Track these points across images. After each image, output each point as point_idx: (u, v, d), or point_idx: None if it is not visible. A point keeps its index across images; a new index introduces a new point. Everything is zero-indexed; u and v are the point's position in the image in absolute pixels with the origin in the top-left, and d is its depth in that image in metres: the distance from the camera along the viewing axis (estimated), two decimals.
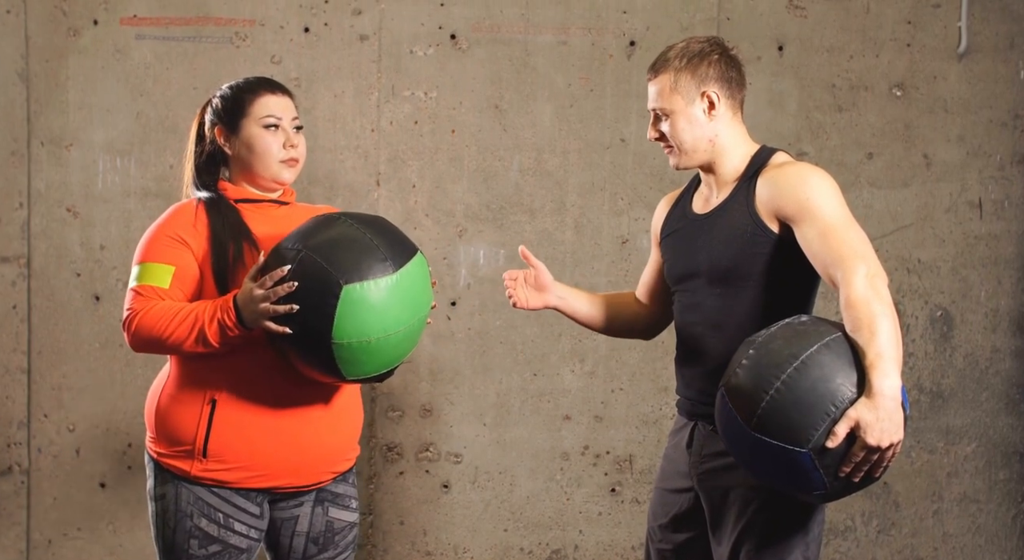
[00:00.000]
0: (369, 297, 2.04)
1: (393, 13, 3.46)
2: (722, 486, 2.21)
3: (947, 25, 3.59)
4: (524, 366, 3.56)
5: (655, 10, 3.52)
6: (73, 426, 3.46)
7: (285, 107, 2.33)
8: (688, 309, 2.30)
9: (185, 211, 2.28)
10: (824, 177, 2.11)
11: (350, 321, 2.03)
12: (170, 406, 2.26)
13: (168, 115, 3.42)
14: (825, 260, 2.02)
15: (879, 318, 1.90)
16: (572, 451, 3.59)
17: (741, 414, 1.93)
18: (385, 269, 2.07)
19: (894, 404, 1.86)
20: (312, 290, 2.04)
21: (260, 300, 2.06)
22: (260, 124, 2.30)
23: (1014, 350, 3.66)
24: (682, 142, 2.23)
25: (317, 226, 2.13)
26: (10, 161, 3.40)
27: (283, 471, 2.26)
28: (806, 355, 1.90)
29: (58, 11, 3.39)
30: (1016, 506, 3.70)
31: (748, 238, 2.15)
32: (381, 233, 2.14)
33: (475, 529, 3.59)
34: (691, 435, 2.30)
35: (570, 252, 3.54)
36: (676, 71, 2.21)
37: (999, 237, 3.63)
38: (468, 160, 3.51)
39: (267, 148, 2.29)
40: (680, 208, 2.38)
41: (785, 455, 1.88)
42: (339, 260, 2.05)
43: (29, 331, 3.44)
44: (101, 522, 3.48)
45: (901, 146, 3.59)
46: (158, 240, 2.24)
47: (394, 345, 2.12)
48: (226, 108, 2.33)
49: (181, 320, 2.14)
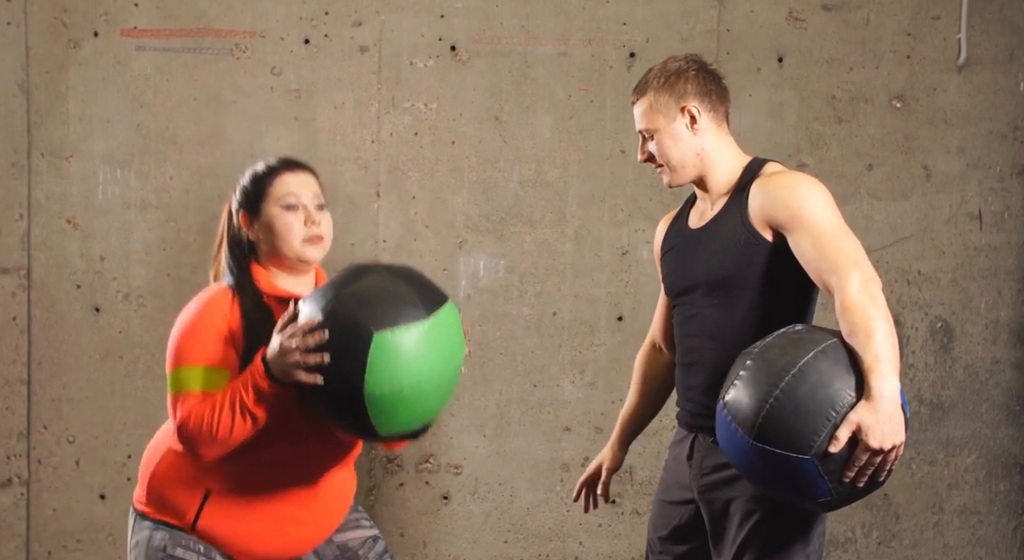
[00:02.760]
0: (401, 344, 1.98)
1: (393, 24, 3.46)
2: (723, 498, 2.21)
3: (947, 37, 3.60)
4: (524, 377, 3.56)
5: (655, 22, 3.52)
6: (73, 437, 3.46)
7: (305, 185, 2.27)
8: (687, 321, 2.31)
9: (222, 300, 2.20)
10: (815, 185, 2.12)
11: (382, 369, 1.98)
12: (167, 477, 2.22)
13: (168, 127, 3.42)
14: (819, 267, 2.03)
15: (874, 322, 1.91)
16: (572, 462, 3.58)
17: (742, 426, 1.93)
18: (416, 316, 2.02)
19: (894, 406, 1.87)
20: (343, 339, 1.98)
21: (290, 351, 1.99)
22: (279, 204, 2.22)
23: (1014, 361, 3.66)
24: (670, 159, 2.27)
25: (347, 276, 2.09)
26: (10, 172, 3.40)
27: (276, 551, 2.25)
28: (803, 362, 1.91)
29: (59, 23, 3.39)
30: (1017, 518, 3.69)
31: (743, 248, 2.16)
32: (411, 282, 2.09)
33: (475, 541, 3.58)
34: (691, 447, 2.31)
35: (570, 263, 3.54)
36: (655, 91, 2.25)
37: (999, 249, 3.63)
38: (468, 171, 3.51)
39: (287, 228, 2.21)
40: (677, 225, 2.42)
41: (788, 463, 1.89)
42: (369, 308, 2.00)
43: (29, 342, 3.44)
44: (101, 534, 3.47)
45: (901, 157, 3.59)
46: (208, 337, 2.15)
47: (427, 395, 2.06)
48: (247, 193, 2.27)
49: (221, 407, 2.07)
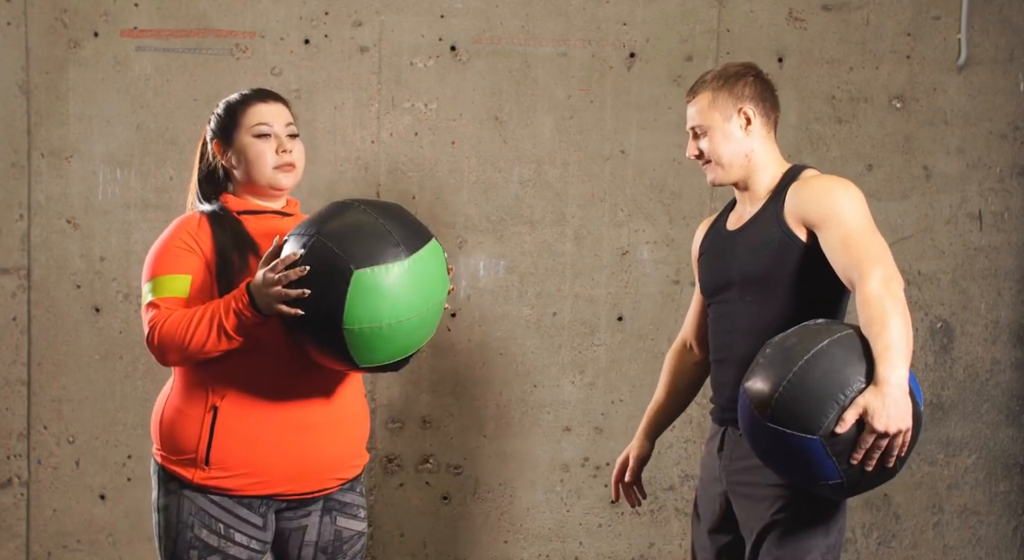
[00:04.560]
0: (380, 282, 2.03)
1: (393, 25, 3.46)
2: (749, 487, 2.32)
3: (947, 37, 3.59)
4: (524, 377, 3.56)
5: (655, 22, 3.52)
6: (73, 438, 3.46)
7: (277, 114, 2.34)
8: (721, 318, 2.41)
9: (189, 222, 2.30)
10: (849, 186, 2.23)
11: (361, 307, 2.02)
12: (174, 416, 2.27)
13: (168, 127, 3.42)
14: (845, 264, 2.13)
15: (890, 314, 2.00)
16: (572, 463, 3.58)
17: (758, 408, 2.03)
18: (397, 254, 2.05)
19: (901, 392, 1.95)
20: (323, 275, 2.03)
21: (272, 284, 2.06)
22: (252, 133, 2.31)
23: (1014, 362, 3.66)
24: (720, 156, 2.35)
25: (330, 212, 2.13)
26: (10, 173, 3.40)
27: (286, 478, 2.27)
28: (817, 349, 2.01)
29: (59, 23, 3.39)
30: (1017, 518, 3.69)
31: (777, 247, 2.26)
32: (395, 219, 2.12)
33: (475, 541, 3.58)
34: (722, 440, 2.42)
35: (570, 263, 3.54)
36: (714, 90, 2.35)
37: (999, 249, 3.63)
38: (468, 171, 3.51)
39: (260, 155, 2.30)
40: (715, 228, 2.52)
41: (798, 443, 1.98)
42: (350, 245, 2.04)
43: (29, 343, 3.44)
44: (101, 534, 3.48)
45: (901, 158, 3.59)
46: (168, 252, 2.25)
47: (407, 332, 2.09)
48: (221, 122, 2.35)
49: (199, 320, 2.14)
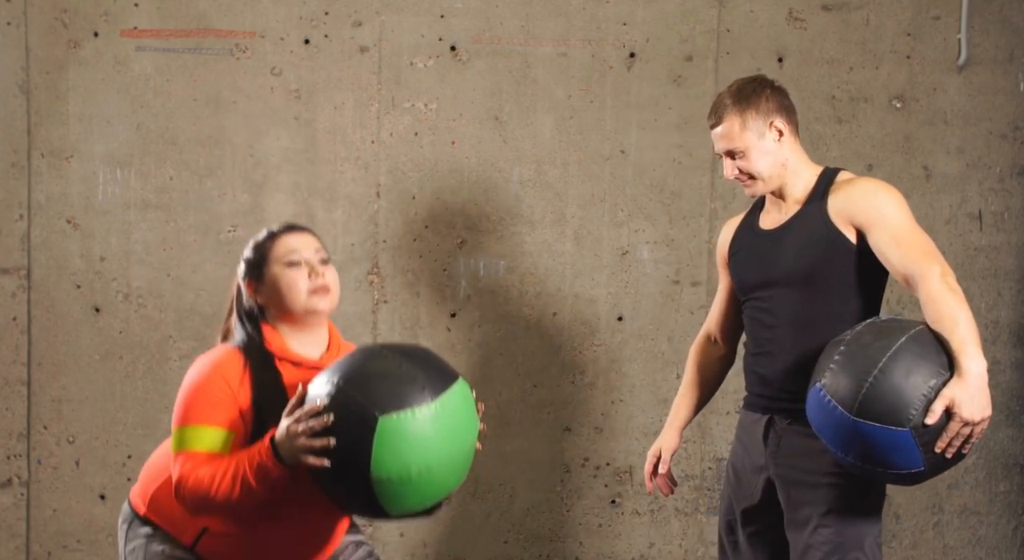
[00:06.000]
0: (407, 427, 1.96)
1: (393, 25, 3.46)
2: (804, 474, 2.40)
3: (947, 37, 3.59)
4: (524, 377, 3.55)
5: (655, 22, 3.52)
6: (73, 438, 3.46)
7: (306, 243, 2.29)
8: (763, 314, 2.49)
9: (230, 365, 2.20)
10: (891, 188, 2.36)
11: (388, 453, 1.95)
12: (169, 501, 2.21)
13: (168, 127, 3.42)
14: (901, 261, 2.27)
15: (958, 310, 2.15)
16: (572, 463, 3.58)
17: (842, 404, 2.13)
18: (423, 398, 1.99)
19: (982, 381, 2.10)
20: (348, 423, 1.97)
21: (296, 436, 1.99)
22: (282, 262, 2.25)
23: (1014, 362, 3.66)
24: (760, 172, 2.44)
25: (353, 359, 2.08)
26: (10, 173, 3.40)
27: None
28: (896, 346, 2.13)
29: (59, 23, 3.39)
30: (1017, 518, 3.69)
31: (825, 245, 2.37)
32: (419, 362, 2.07)
33: (475, 541, 3.58)
34: (767, 428, 2.48)
35: (570, 263, 3.54)
36: (741, 112, 2.43)
37: (999, 249, 3.63)
38: (468, 171, 3.51)
39: (293, 282, 2.23)
40: (747, 227, 2.59)
41: (888, 435, 2.10)
42: (374, 391, 1.99)
43: (29, 343, 3.44)
44: (101, 534, 3.47)
45: (901, 158, 3.59)
46: (205, 396, 2.15)
47: (438, 477, 2.03)
48: (250, 262, 2.30)
49: (223, 474, 2.07)
